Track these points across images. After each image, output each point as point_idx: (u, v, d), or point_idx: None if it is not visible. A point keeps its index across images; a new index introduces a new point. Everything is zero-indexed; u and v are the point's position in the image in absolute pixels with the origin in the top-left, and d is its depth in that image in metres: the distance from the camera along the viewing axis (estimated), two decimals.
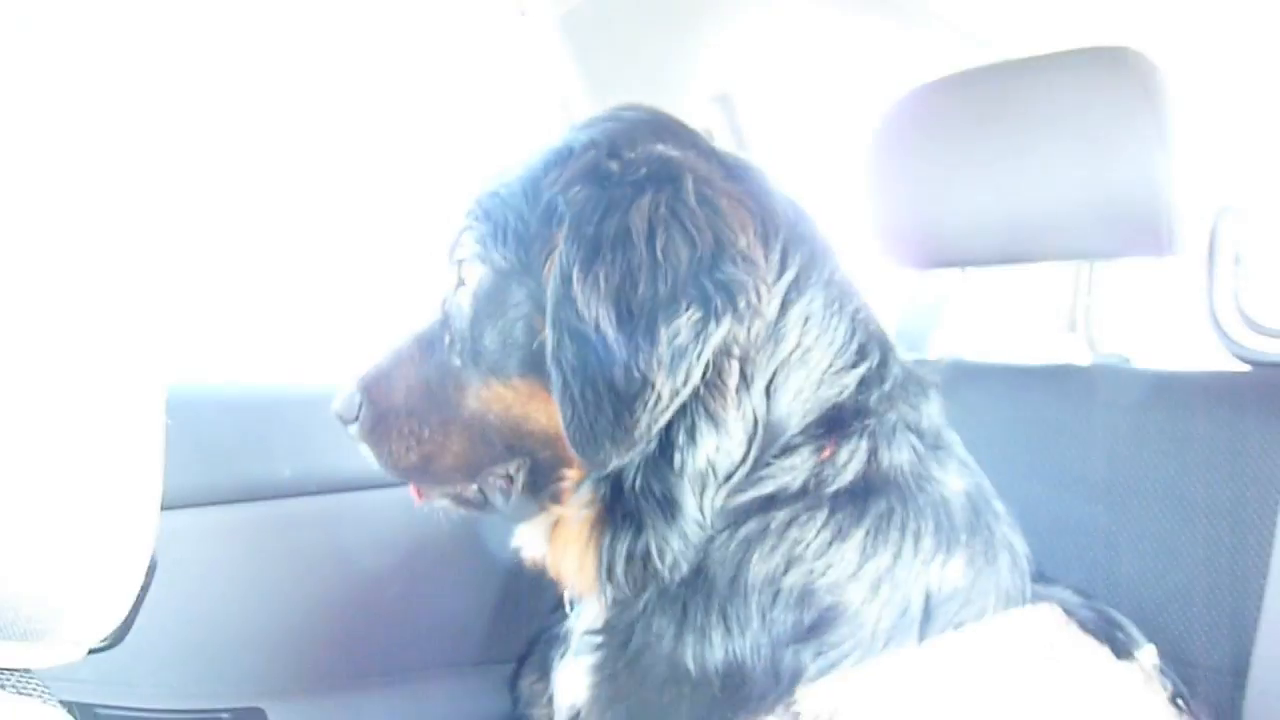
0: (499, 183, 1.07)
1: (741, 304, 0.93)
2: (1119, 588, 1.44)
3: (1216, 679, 1.34)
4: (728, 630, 0.97)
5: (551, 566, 1.12)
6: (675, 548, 0.98)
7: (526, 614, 1.84)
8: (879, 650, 0.98)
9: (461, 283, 1.09)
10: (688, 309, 0.91)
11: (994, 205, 1.52)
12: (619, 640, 1.05)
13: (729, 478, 1.00)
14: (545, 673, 1.25)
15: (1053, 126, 1.46)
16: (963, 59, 1.76)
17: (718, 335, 0.92)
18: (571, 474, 1.06)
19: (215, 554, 1.59)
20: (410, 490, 1.19)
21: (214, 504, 1.58)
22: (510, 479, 1.12)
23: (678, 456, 0.97)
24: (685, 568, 1.00)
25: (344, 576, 1.72)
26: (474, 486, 1.14)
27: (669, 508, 0.98)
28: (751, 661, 0.96)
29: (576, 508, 1.05)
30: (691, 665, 0.98)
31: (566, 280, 0.95)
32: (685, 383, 0.92)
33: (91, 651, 0.55)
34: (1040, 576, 1.20)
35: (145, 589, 0.55)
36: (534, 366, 1.02)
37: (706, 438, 0.97)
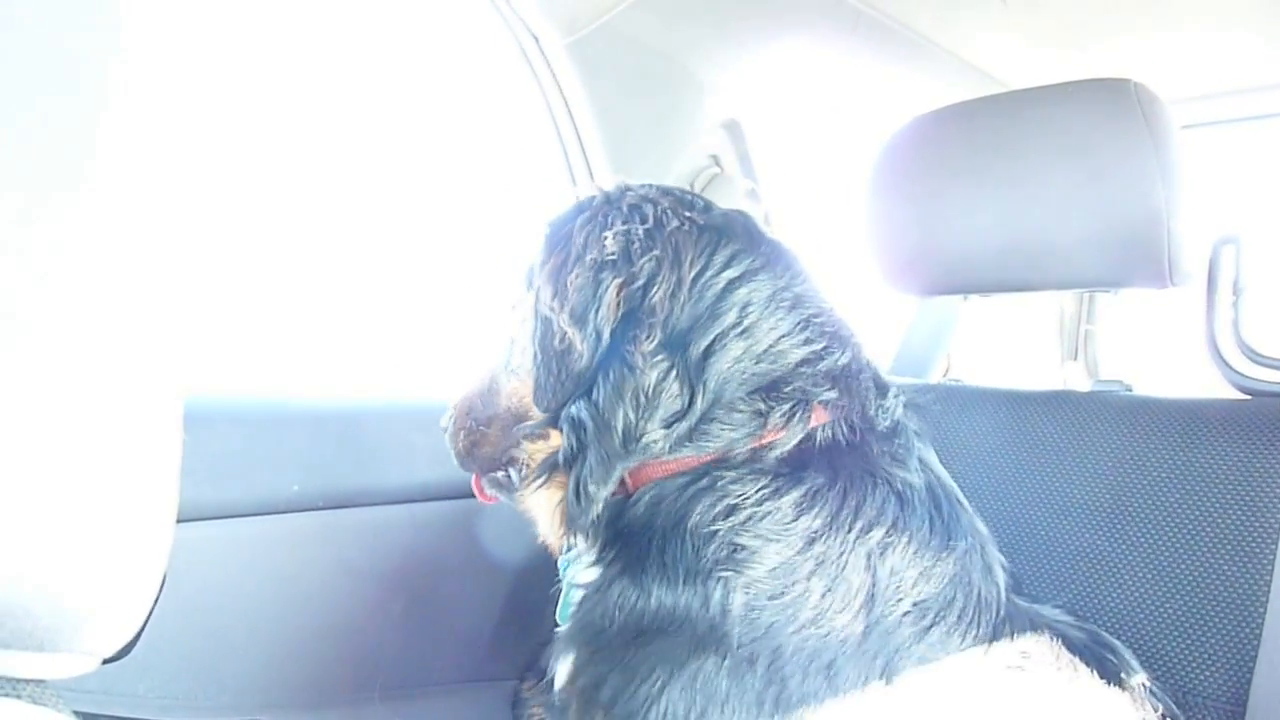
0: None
1: (615, 253, 1.14)
2: (1118, 614, 1.44)
3: (1215, 709, 1.33)
4: (662, 564, 1.08)
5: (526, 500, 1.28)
6: (599, 472, 1.13)
7: (528, 630, 1.84)
8: (813, 604, 1.02)
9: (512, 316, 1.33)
10: (580, 268, 1.15)
11: (995, 234, 1.53)
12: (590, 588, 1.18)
13: (670, 424, 1.12)
14: (541, 675, 1.35)
15: (1054, 157, 1.48)
16: (969, 91, 1.77)
17: (611, 289, 1.13)
18: (534, 415, 1.25)
19: (221, 567, 1.60)
20: (473, 486, 1.43)
21: (221, 518, 1.59)
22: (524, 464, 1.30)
23: (595, 392, 1.13)
24: (612, 487, 1.14)
25: (348, 592, 1.73)
26: (504, 471, 1.36)
27: (590, 430, 1.13)
28: (684, 596, 1.05)
29: (535, 445, 1.24)
30: (633, 597, 1.09)
31: (537, 280, 1.21)
32: (597, 337, 1.13)
33: (103, 662, 0.56)
34: (1030, 597, 1.22)
35: (154, 601, 0.55)
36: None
37: (619, 374, 1.12)
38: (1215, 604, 1.37)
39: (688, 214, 1.20)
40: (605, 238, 1.15)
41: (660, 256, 1.13)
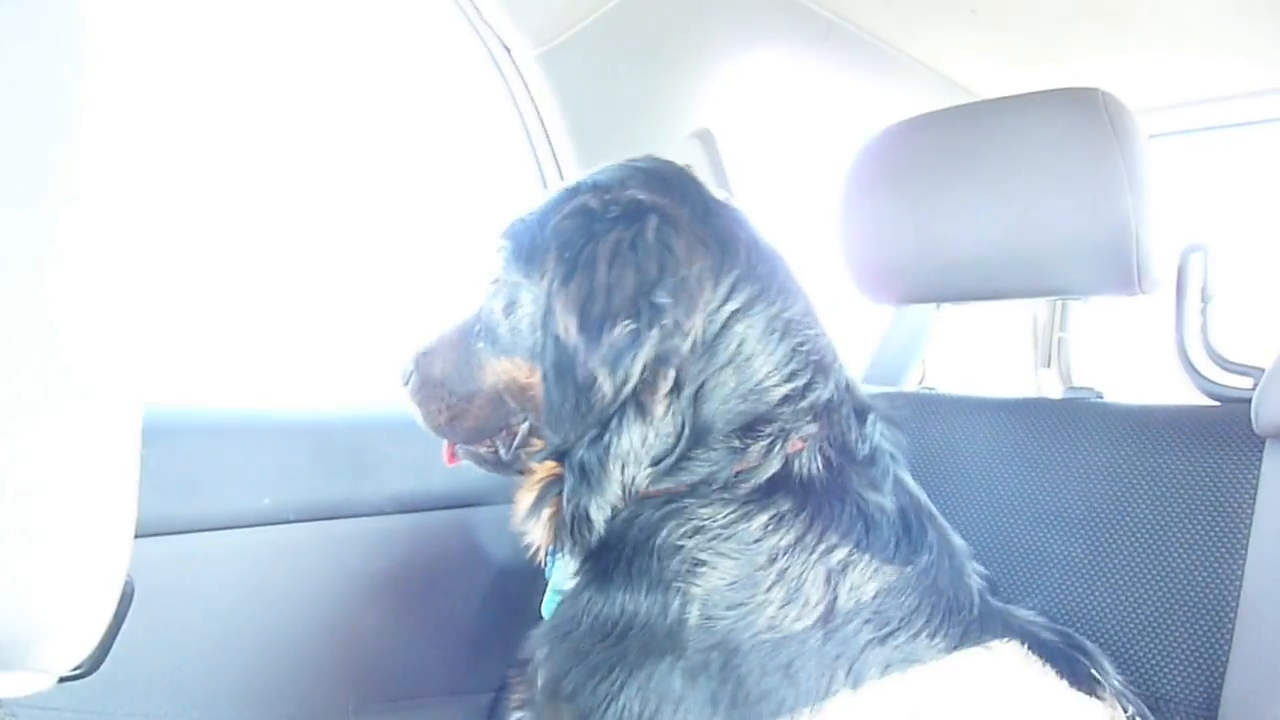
0: (527, 210, 1.29)
1: (668, 322, 1.11)
2: (1091, 620, 1.45)
3: (1187, 712, 1.34)
4: (628, 576, 1.14)
5: (515, 513, 1.30)
6: (594, 512, 1.16)
7: (504, 644, 1.83)
8: (770, 614, 1.07)
9: (492, 288, 1.32)
10: (623, 321, 1.10)
11: (966, 243, 1.54)
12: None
13: (657, 462, 1.17)
14: (524, 666, 1.34)
15: (1024, 166, 1.49)
16: (940, 101, 1.79)
17: (648, 345, 1.10)
18: (538, 444, 1.29)
19: (193, 583, 1.58)
20: (444, 451, 1.42)
21: (192, 531, 1.57)
22: (514, 435, 1.34)
23: (609, 438, 1.15)
24: (602, 530, 1.17)
25: (322, 606, 1.71)
26: (489, 445, 1.37)
27: (595, 477, 1.16)
28: (645, 605, 1.11)
29: (537, 468, 1.28)
30: (600, 603, 1.15)
31: (550, 294, 1.18)
32: (625, 381, 1.11)
33: (64, 680, 0.54)
34: (1003, 600, 1.23)
35: (122, 617, 0.54)
36: (533, 352, 1.24)
37: (634, 425, 1.14)
38: (1186, 608, 1.38)
39: (693, 229, 1.18)
40: (660, 297, 1.11)
41: (682, 299, 1.12)
